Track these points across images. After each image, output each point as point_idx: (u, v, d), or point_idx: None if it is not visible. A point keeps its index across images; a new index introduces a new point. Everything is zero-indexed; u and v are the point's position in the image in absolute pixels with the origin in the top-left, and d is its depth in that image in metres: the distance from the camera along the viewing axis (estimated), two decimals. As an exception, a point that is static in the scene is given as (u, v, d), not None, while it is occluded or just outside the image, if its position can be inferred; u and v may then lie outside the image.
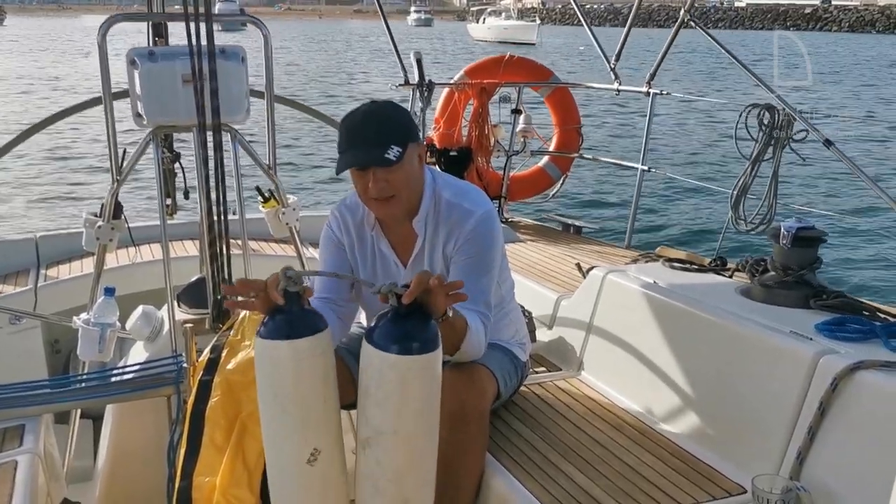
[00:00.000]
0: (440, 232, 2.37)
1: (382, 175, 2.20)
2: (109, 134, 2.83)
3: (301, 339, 1.88)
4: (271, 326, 1.90)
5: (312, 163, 14.14)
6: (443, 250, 2.38)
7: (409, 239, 2.42)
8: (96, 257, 2.99)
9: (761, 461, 2.34)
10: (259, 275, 3.07)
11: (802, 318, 2.60)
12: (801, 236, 2.75)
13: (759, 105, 4.06)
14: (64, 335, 3.95)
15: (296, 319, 1.90)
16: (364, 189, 2.24)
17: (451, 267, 2.37)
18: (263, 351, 1.92)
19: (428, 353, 1.86)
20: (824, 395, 2.22)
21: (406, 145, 2.21)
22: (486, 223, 2.35)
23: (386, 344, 1.86)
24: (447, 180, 2.45)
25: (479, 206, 2.37)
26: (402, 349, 1.84)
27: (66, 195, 11.37)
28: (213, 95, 2.47)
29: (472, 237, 2.33)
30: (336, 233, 2.47)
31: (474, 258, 2.33)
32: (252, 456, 2.33)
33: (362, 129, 2.21)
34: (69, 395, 2.69)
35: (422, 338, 1.86)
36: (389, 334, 1.87)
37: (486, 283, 2.35)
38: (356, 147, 2.20)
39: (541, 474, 2.39)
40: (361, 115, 2.23)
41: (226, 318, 2.69)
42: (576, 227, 5.30)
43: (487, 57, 5.78)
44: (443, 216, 2.36)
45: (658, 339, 2.87)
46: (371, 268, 2.48)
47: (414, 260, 2.43)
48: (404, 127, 2.26)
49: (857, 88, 28.79)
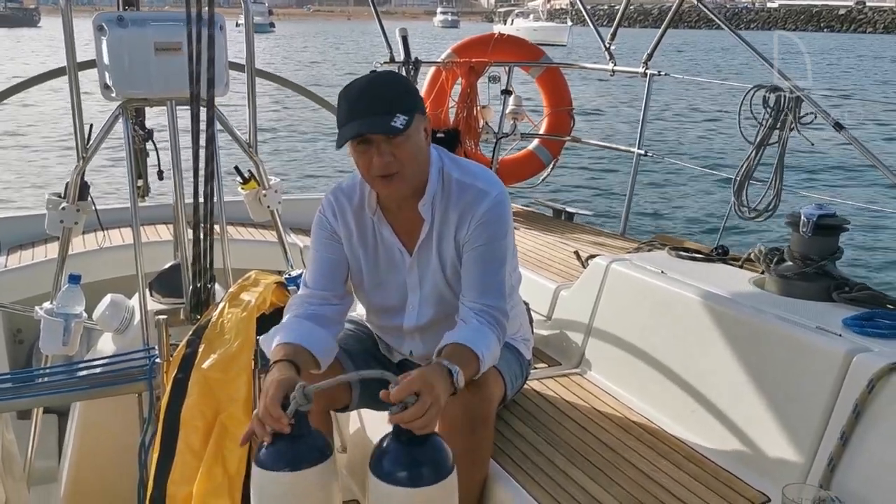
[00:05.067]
0: (451, 215, 2.15)
1: (388, 148, 2.00)
2: (74, 107, 2.60)
3: (307, 470, 1.70)
4: (273, 453, 1.70)
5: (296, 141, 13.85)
6: (455, 235, 2.16)
7: (414, 224, 2.19)
8: (60, 242, 2.76)
9: (787, 468, 2.16)
10: (236, 262, 2.89)
11: (826, 312, 2.42)
12: (822, 224, 2.58)
13: (764, 86, 3.87)
14: (26, 324, 3.73)
15: (301, 444, 1.72)
16: (367, 165, 2.03)
17: (465, 256, 2.16)
18: (264, 483, 1.71)
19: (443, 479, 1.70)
20: (860, 397, 2.04)
21: (412, 114, 2.00)
22: (501, 205, 2.15)
23: (395, 475, 1.67)
24: (455, 159, 2.24)
25: (493, 187, 2.16)
26: (412, 479, 1.67)
27: (28, 174, 10.98)
28: (209, 65, 2.24)
29: (487, 220, 2.12)
30: (330, 220, 2.24)
31: (489, 246, 2.13)
32: (233, 461, 2.13)
33: (365, 98, 2.00)
34: (31, 392, 2.47)
35: (432, 462, 1.70)
36: (397, 462, 1.69)
37: (502, 276, 2.16)
38: (359, 117, 1.98)
39: (547, 481, 2.20)
40: (363, 84, 2.03)
41: (203, 308, 2.48)
42: (567, 213, 5.10)
43: (475, 35, 5.57)
44: (453, 197, 2.15)
45: (668, 333, 2.68)
46: (374, 257, 2.26)
47: (420, 247, 2.21)
48: (410, 95, 2.07)
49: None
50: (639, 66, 4.72)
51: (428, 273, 2.24)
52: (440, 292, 2.25)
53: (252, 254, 3.79)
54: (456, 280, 2.21)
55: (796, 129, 3.77)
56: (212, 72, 2.25)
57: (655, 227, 8.12)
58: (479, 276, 2.15)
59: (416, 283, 2.27)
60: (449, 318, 2.19)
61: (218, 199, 2.74)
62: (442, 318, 2.23)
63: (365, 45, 50.84)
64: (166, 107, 2.61)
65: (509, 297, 2.24)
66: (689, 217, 9.35)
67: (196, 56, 2.23)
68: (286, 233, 3.30)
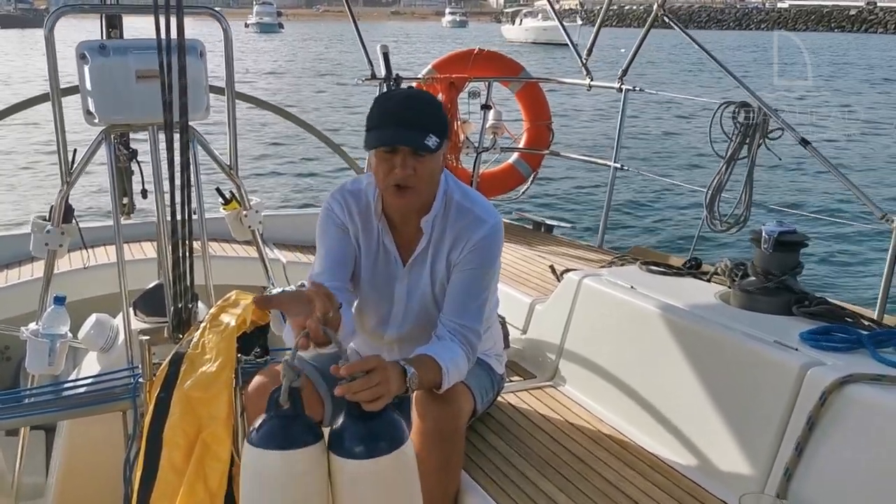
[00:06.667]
0: (447, 236, 2.28)
1: (412, 162, 2.11)
2: (58, 133, 2.67)
3: (297, 451, 1.73)
4: (265, 432, 1.75)
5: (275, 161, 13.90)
6: (448, 255, 2.29)
7: (413, 238, 2.32)
8: (45, 263, 2.82)
9: (747, 477, 2.26)
10: (218, 278, 2.96)
11: (786, 326, 2.52)
12: (782, 241, 2.67)
13: (733, 102, 3.99)
14: (14, 342, 3.76)
15: (293, 426, 1.75)
16: (387, 172, 2.13)
17: (453, 276, 2.28)
18: (255, 461, 1.75)
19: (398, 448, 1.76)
20: (813, 410, 2.14)
21: (443, 139, 2.14)
22: (494, 235, 2.28)
23: (352, 448, 1.74)
24: (458, 182, 2.36)
25: (490, 216, 2.29)
26: (369, 451, 1.72)
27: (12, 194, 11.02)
28: (181, 93, 2.31)
29: (480, 247, 2.25)
30: (340, 215, 2.33)
31: (477, 271, 2.26)
32: (214, 478, 2.20)
33: (404, 109, 2.12)
34: (18, 412, 2.54)
35: (383, 434, 1.76)
36: (354, 437, 1.75)
37: (482, 301, 2.29)
38: (394, 126, 2.10)
39: (518, 492, 2.29)
40: (403, 96, 2.18)
41: (186, 327, 2.55)
42: (547, 226, 5.20)
43: (455, 51, 5.66)
44: (451, 219, 2.27)
45: (636, 347, 2.78)
46: (374, 260, 2.37)
47: (415, 260, 2.33)
48: (444, 120, 2.19)
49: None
50: (618, 82, 4.82)
51: (418, 286, 2.34)
52: (425, 306, 2.35)
53: (235, 270, 3.85)
54: (442, 297, 2.32)
55: (764, 144, 3.88)
56: (184, 99, 2.32)
57: (634, 238, 8.25)
58: (461, 297, 2.27)
59: (403, 295, 2.37)
60: (428, 333, 2.29)
61: (199, 219, 2.82)
62: (421, 333, 2.33)
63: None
64: (148, 131, 2.68)
65: (486, 319, 2.35)
66: (665, 230, 9.51)
67: (168, 85, 2.30)
68: (268, 248, 3.37)
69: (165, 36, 2.26)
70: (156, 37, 2.26)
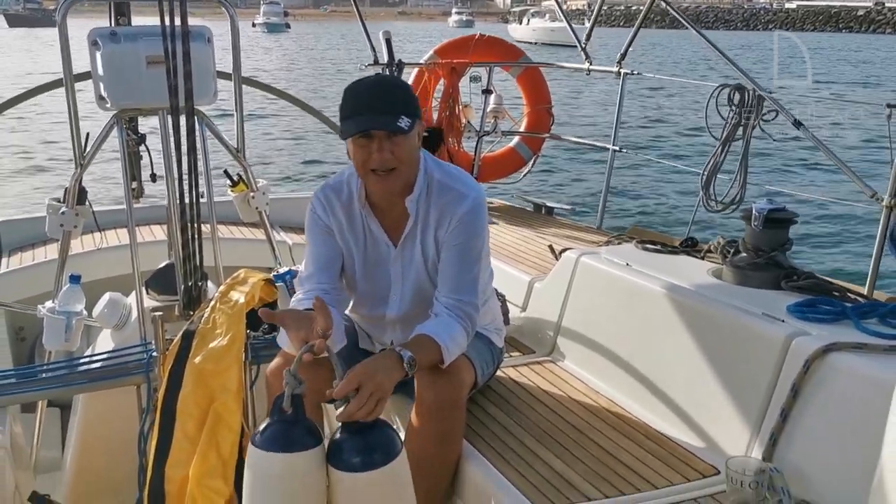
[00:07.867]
0: (431, 214, 2.35)
1: (388, 145, 2.19)
2: (71, 117, 2.76)
3: (298, 454, 1.81)
4: (268, 435, 1.83)
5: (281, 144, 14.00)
6: (435, 233, 2.36)
7: (399, 219, 2.39)
8: (60, 244, 2.92)
9: (735, 443, 2.36)
10: (227, 260, 3.06)
11: (774, 299, 2.61)
12: (772, 218, 2.76)
13: (728, 85, 4.06)
14: (29, 323, 3.87)
15: (295, 429, 1.83)
16: (365, 159, 2.21)
17: (443, 253, 2.36)
18: (257, 462, 1.84)
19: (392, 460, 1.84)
20: (797, 377, 2.23)
21: (415, 119, 2.21)
22: (478, 208, 2.34)
23: (349, 461, 1.82)
24: (436, 161, 2.43)
25: (471, 190, 2.36)
26: (365, 464, 1.81)
27: (29, 179, 11.14)
28: (186, 78, 2.40)
29: (465, 221, 2.32)
30: (323, 217, 2.42)
31: (465, 245, 2.33)
32: (226, 446, 2.31)
33: (374, 96, 2.20)
34: (36, 386, 2.64)
35: (378, 446, 1.84)
36: (351, 450, 1.83)
37: (475, 273, 2.36)
38: (366, 112, 2.18)
39: (517, 460, 2.39)
40: (372, 83, 2.23)
41: (196, 304, 2.65)
42: (547, 208, 5.28)
43: (457, 37, 5.72)
44: (434, 197, 2.34)
45: (631, 321, 2.87)
46: (363, 248, 2.44)
47: (405, 240, 2.40)
48: (413, 100, 2.27)
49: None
50: (616, 66, 4.89)
51: (411, 266, 2.43)
52: (421, 285, 2.44)
53: (243, 252, 3.95)
54: (436, 274, 2.40)
55: (759, 125, 3.96)
56: (190, 84, 2.40)
57: (633, 219, 8.34)
58: (454, 272, 2.35)
59: (399, 275, 2.45)
60: (428, 310, 2.38)
61: (208, 201, 2.92)
62: (421, 310, 2.42)
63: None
64: (158, 115, 2.78)
65: (482, 293, 2.43)
66: (664, 211, 9.61)
67: (174, 70, 2.38)
68: (275, 230, 3.46)
69: (170, 23, 2.35)
70: (160, 24, 2.36)
